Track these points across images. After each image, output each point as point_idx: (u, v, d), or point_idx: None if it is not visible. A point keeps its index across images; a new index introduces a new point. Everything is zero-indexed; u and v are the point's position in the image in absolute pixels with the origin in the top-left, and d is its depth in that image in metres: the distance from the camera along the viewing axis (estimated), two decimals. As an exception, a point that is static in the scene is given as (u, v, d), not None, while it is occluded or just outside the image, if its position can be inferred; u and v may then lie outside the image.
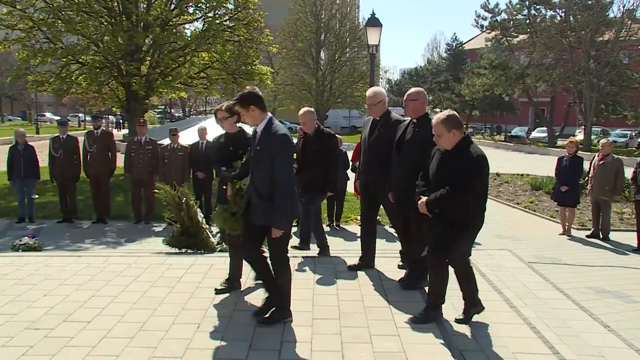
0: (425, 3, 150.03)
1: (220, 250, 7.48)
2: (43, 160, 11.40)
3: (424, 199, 4.79)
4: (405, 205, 5.55)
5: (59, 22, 18.04)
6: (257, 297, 5.43)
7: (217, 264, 6.52)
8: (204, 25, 20.22)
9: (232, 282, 5.61)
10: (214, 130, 7.34)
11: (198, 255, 7.28)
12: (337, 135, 7.65)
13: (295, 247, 7.01)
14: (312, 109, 7.27)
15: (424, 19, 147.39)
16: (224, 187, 5.40)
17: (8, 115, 71.64)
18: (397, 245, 6.56)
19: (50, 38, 18.38)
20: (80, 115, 60.43)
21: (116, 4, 18.92)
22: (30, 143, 11.28)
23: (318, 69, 46.23)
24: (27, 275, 6.20)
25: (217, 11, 20.11)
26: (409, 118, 5.79)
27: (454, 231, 4.66)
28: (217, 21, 19.78)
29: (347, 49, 47.33)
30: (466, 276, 4.91)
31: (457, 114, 4.81)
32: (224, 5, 20.12)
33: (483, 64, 44.16)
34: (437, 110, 70.54)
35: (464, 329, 4.72)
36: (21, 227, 10.24)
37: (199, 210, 7.96)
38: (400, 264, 6.39)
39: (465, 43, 64.67)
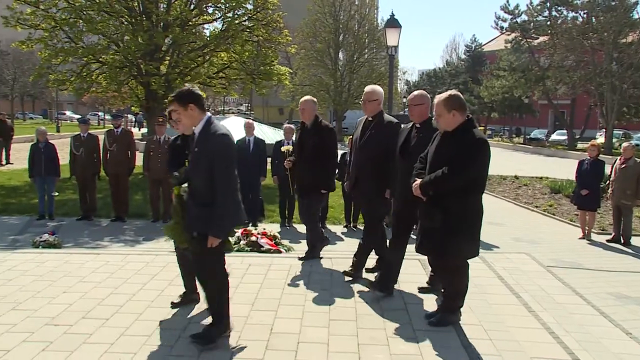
0: (445, 5, 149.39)
1: (238, 250, 7.51)
2: (63, 158, 11.52)
3: (418, 181, 4.64)
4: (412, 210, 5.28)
5: (81, 21, 18.21)
6: (275, 298, 5.45)
7: (234, 264, 6.54)
8: (223, 25, 20.30)
9: (189, 296, 5.24)
10: (233, 130, 7.26)
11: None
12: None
13: (302, 258, 6.87)
14: (315, 99, 6.97)
15: (443, 20, 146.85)
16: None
17: (29, 113, 72.54)
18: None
19: (72, 37, 18.57)
20: (100, 113, 61.06)
21: (136, 4, 19.06)
22: (50, 141, 11.43)
23: (336, 69, 46.29)
24: (47, 271, 6.28)
25: (236, 11, 20.16)
26: (410, 122, 5.59)
27: (452, 228, 4.46)
28: (236, 21, 19.84)
29: (366, 50, 47.37)
30: (456, 274, 4.81)
31: (460, 95, 4.70)
32: (243, 5, 20.17)
33: (502, 65, 43.86)
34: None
35: (481, 333, 4.69)
36: (41, 224, 10.35)
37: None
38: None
39: (484, 45, 64.33)
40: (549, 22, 38.20)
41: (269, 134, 24.16)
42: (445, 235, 4.48)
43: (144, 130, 38.67)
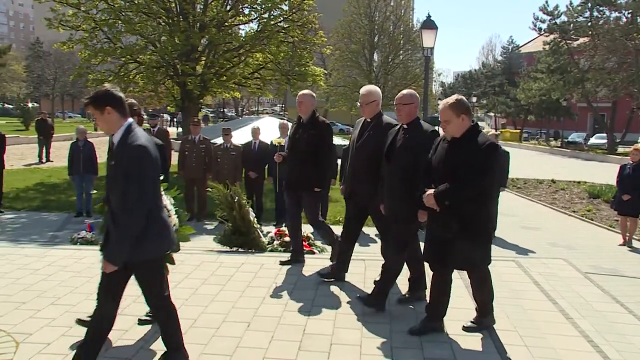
0: (481, 6, 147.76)
1: (271, 250, 7.54)
2: (101, 157, 11.71)
3: (430, 191, 4.37)
4: (399, 217, 5.09)
5: (119, 22, 18.59)
6: (308, 299, 5.45)
7: (268, 264, 6.58)
8: (258, 26, 20.44)
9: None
10: (267, 130, 7.23)
11: (249, 254, 7.35)
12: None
13: (283, 263, 6.65)
14: (313, 94, 6.69)
15: (479, 21, 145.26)
16: None
17: (69, 112, 74.21)
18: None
19: (111, 38, 18.97)
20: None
21: (174, 5, 19.34)
22: (89, 140, 11.66)
23: (371, 70, 46.27)
24: (85, 268, 6.39)
25: (272, 12, 20.28)
26: (399, 123, 5.37)
27: (469, 237, 4.30)
28: (272, 22, 19.95)
29: (401, 51, 47.23)
30: (482, 281, 4.69)
31: (464, 98, 4.45)
32: (279, 6, 20.32)
33: (540, 67, 43.15)
34: (491, 114, 69.60)
35: (517, 339, 4.61)
36: (79, 221, 10.55)
37: (250, 209, 8.02)
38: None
39: (521, 46, 63.47)
40: (590, 23, 37.42)
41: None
42: (469, 245, 4.34)
43: (179, 129, 39.14)
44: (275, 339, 4.49)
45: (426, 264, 4.92)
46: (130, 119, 3.72)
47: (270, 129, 14.70)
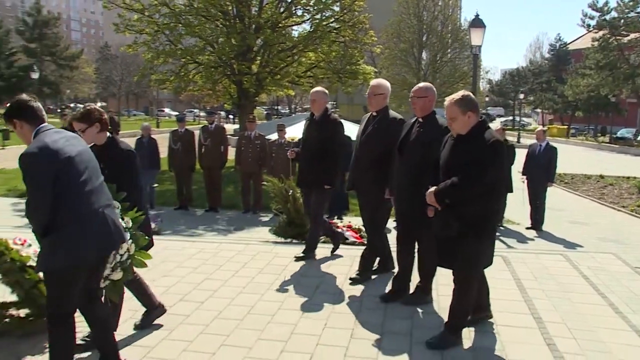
0: (529, 4, 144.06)
1: (324, 242, 7.54)
2: (162, 152, 11.99)
3: (432, 189, 4.12)
4: (407, 212, 4.94)
5: (180, 25, 18.97)
6: (359, 288, 5.44)
7: (321, 254, 6.59)
8: (311, 26, 20.49)
9: (151, 314, 4.54)
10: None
11: (303, 245, 7.36)
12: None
13: (298, 258, 6.49)
14: (327, 91, 6.59)
15: (526, 18, 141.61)
16: None
17: (133, 110, 76.33)
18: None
19: (172, 40, 19.39)
20: (195, 110, 63.25)
21: (231, 8, 19.58)
22: (152, 136, 11.92)
23: (419, 69, 45.90)
24: (148, 256, 6.54)
25: (324, 13, 20.29)
26: (407, 119, 5.19)
27: (472, 237, 3.96)
28: (324, 23, 19.97)
29: (449, 50, 46.73)
30: (464, 288, 4.18)
31: (472, 95, 4.13)
32: (331, 7, 20.31)
33: (588, 64, 41.75)
34: (538, 111, 67.88)
35: (565, 331, 4.48)
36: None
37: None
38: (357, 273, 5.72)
39: (569, 43, 61.59)
40: (640, 19, 36.01)
41: (353, 130, 24.13)
42: (467, 244, 3.98)
43: (235, 126, 39.67)
44: (327, 327, 4.50)
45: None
46: (42, 125, 3.33)
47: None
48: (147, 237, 3.97)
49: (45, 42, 54.51)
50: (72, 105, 60.37)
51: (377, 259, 5.93)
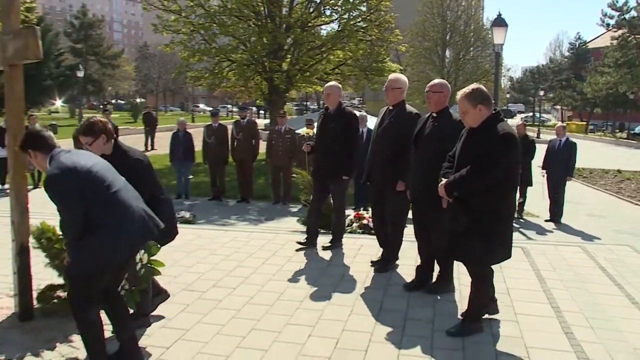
0: (549, 4, 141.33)
1: (350, 232, 7.53)
2: (197, 145, 12.09)
3: (444, 181, 4.00)
4: (421, 205, 4.89)
5: (214, 25, 19.11)
6: (385, 277, 5.42)
7: (347, 244, 6.58)
8: (339, 26, 20.48)
9: (154, 299, 4.46)
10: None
11: (330, 235, 7.37)
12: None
13: (325, 247, 6.41)
14: (340, 85, 6.54)
15: (547, 17, 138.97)
16: None
17: (169, 106, 77.14)
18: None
19: (207, 40, 19.54)
20: (228, 106, 63.63)
21: (262, 9, 19.64)
22: (188, 130, 12.05)
23: (443, 66, 45.59)
24: (184, 243, 6.58)
25: (351, 13, 20.25)
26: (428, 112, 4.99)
27: (481, 232, 3.81)
28: (352, 22, 19.97)
29: (471, 48, 46.38)
30: (480, 281, 4.10)
31: (483, 88, 3.97)
32: (358, 7, 20.25)
33: (607, 62, 40.83)
34: (557, 107, 66.57)
35: (582, 320, 4.40)
36: (178, 203, 10.90)
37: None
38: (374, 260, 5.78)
39: (588, 42, 60.24)
40: (661, 18, 35.03)
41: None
42: (474, 240, 3.84)
43: (267, 121, 39.84)
44: (353, 313, 4.50)
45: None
46: (55, 150, 3.34)
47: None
48: (159, 246, 3.94)
49: (90, 42, 55.68)
50: (113, 101, 61.47)
51: (381, 252, 5.87)
